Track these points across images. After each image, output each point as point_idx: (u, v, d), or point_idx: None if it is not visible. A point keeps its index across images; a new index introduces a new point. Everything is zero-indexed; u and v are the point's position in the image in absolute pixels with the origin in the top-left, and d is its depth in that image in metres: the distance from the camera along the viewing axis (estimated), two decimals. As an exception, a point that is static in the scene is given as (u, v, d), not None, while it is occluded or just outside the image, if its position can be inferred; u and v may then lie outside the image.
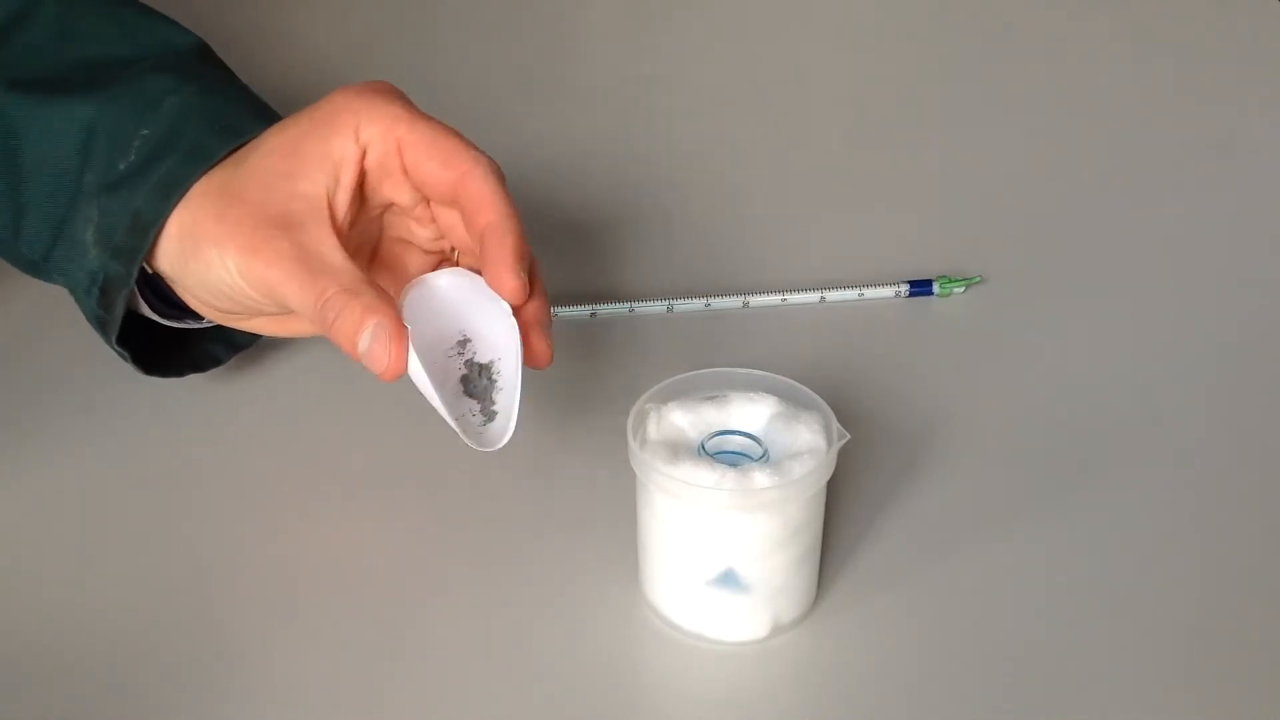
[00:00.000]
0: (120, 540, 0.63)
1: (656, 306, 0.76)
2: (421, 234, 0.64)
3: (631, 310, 0.76)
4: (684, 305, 0.77)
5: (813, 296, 0.77)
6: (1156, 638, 0.58)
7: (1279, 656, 0.58)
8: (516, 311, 0.59)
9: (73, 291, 0.63)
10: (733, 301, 0.77)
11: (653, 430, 0.57)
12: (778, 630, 0.58)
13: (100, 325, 0.63)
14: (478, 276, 0.61)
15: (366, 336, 0.56)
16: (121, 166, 0.61)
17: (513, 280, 0.58)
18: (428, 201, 0.62)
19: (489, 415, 0.59)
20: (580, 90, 1.00)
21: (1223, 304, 0.78)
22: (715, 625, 0.58)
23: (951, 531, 0.63)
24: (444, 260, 0.65)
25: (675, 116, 0.96)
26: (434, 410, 0.58)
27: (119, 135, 0.61)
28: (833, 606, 0.59)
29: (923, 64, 1.04)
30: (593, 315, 0.76)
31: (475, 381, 0.60)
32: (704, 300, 0.77)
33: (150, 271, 0.63)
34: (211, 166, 0.60)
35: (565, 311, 0.75)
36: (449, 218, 0.62)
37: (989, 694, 0.56)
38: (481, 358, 0.60)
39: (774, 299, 0.77)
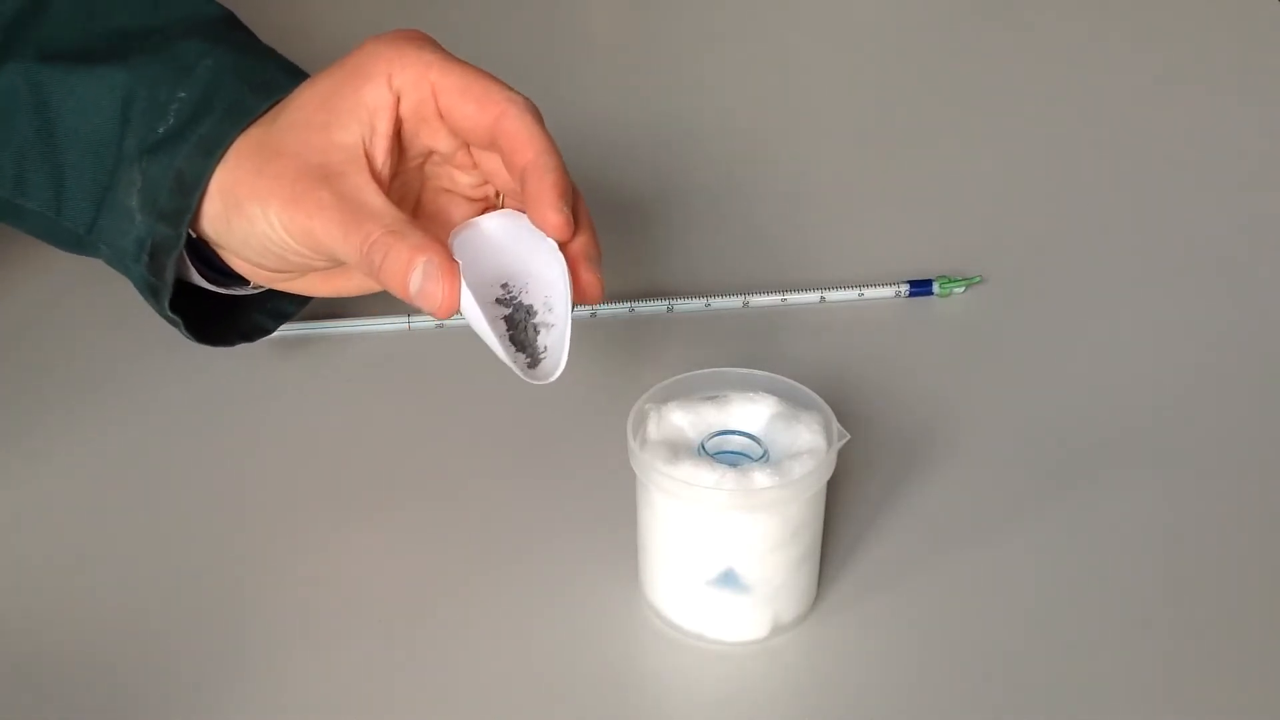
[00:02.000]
0: (120, 541, 0.63)
1: (656, 306, 0.76)
2: (464, 181, 0.64)
3: (631, 310, 0.76)
4: (684, 305, 0.77)
5: (813, 296, 0.77)
6: (1157, 638, 0.58)
7: (1279, 656, 0.58)
8: (563, 247, 0.58)
9: (120, 262, 0.63)
10: (733, 301, 0.77)
11: (653, 430, 0.57)
12: (778, 630, 0.58)
13: (152, 292, 0.63)
14: (525, 216, 0.60)
15: (418, 275, 0.56)
16: (160, 130, 0.61)
17: (556, 216, 0.58)
18: (468, 147, 0.62)
19: (538, 353, 0.58)
20: (579, 91, 1.00)
21: (1223, 304, 0.78)
22: (715, 625, 0.58)
23: (951, 531, 0.63)
24: (489, 206, 0.64)
25: (675, 117, 0.96)
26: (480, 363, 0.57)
27: (156, 100, 0.61)
28: (833, 606, 0.59)
29: (923, 64, 1.04)
30: (593, 315, 0.76)
31: (523, 321, 0.59)
32: (704, 300, 0.77)
33: (195, 237, 0.63)
34: (250, 124, 0.60)
35: (565, 311, 0.75)
36: (491, 162, 0.62)
37: (989, 694, 0.56)
38: (528, 298, 0.59)
39: (774, 299, 0.77)
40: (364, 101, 0.60)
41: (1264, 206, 0.86)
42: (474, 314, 0.57)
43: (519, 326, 0.58)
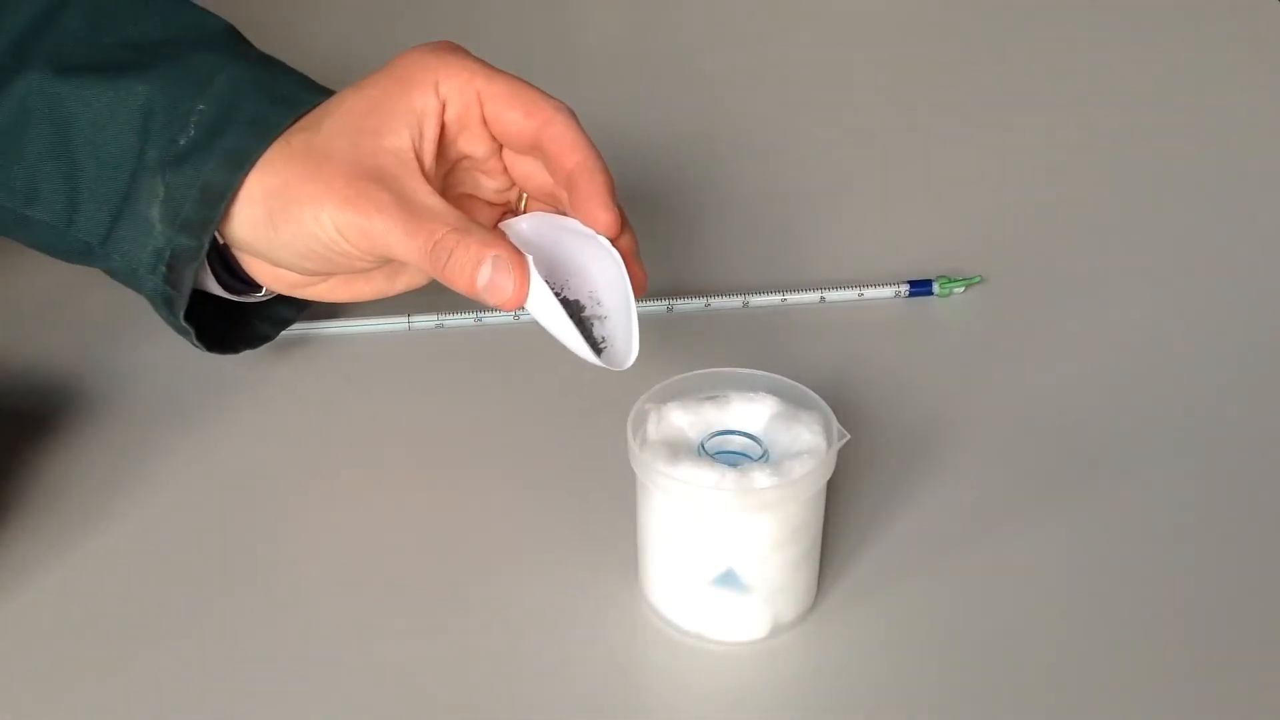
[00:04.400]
0: (119, 541, 0.63)
1: (657, 306, 0.76)
2: (490, 185, 0.66)
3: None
4: (684, 305, 0.77)
5: (813, 296, 0.77)
6: (1158, 638, 0.58)
7: (1279, 656, 0.58)
8: (613, 243, 0.61)
9: (131, 273, 0.63)
10: (733, 301, 0.77)
11: (653, 430, 0.57)
12: (778, 630, 0.58)
13: (167, 302, 0.63)
14: (556, 216, 0.63)
15: (486, 269, 0.58)
16: (182, 142, 0.62)
17: (607, 214, 0.61)
18: (500, 153, 0.64)
19: (597, 344, 0.61)
20: (579, 92, 1.00)
21: (1223, 304, 0.78)
22: (715, 625, 0.58)
23: (951, 531, 0.63)
24: (509, 211, 0.67)
25: (674, 117, 0.96)
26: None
27: (175, 112, 0.62)
28: (833, 606, 0.59)
29: (923, 64, 1.04)
30: (593, 315, 0.76)
31: (574, 316, 0.60)
32: (704, 300, 0.77)
33: (221, 243, 0.64)
34: (275, 137, 0.61)
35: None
36: (525, 167, 0.65)
37: (989, 694, 0.56)
38: (572, 293, 0.62)
39: (774, 299, 0.77)
40: (413, 108, 0.61)
41: (1264, 206, 0.86)
42: (547, 303, 0.59)
43: (574, 320, 0.60)
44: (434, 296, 0.74)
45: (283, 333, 0.73)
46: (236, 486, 0.66)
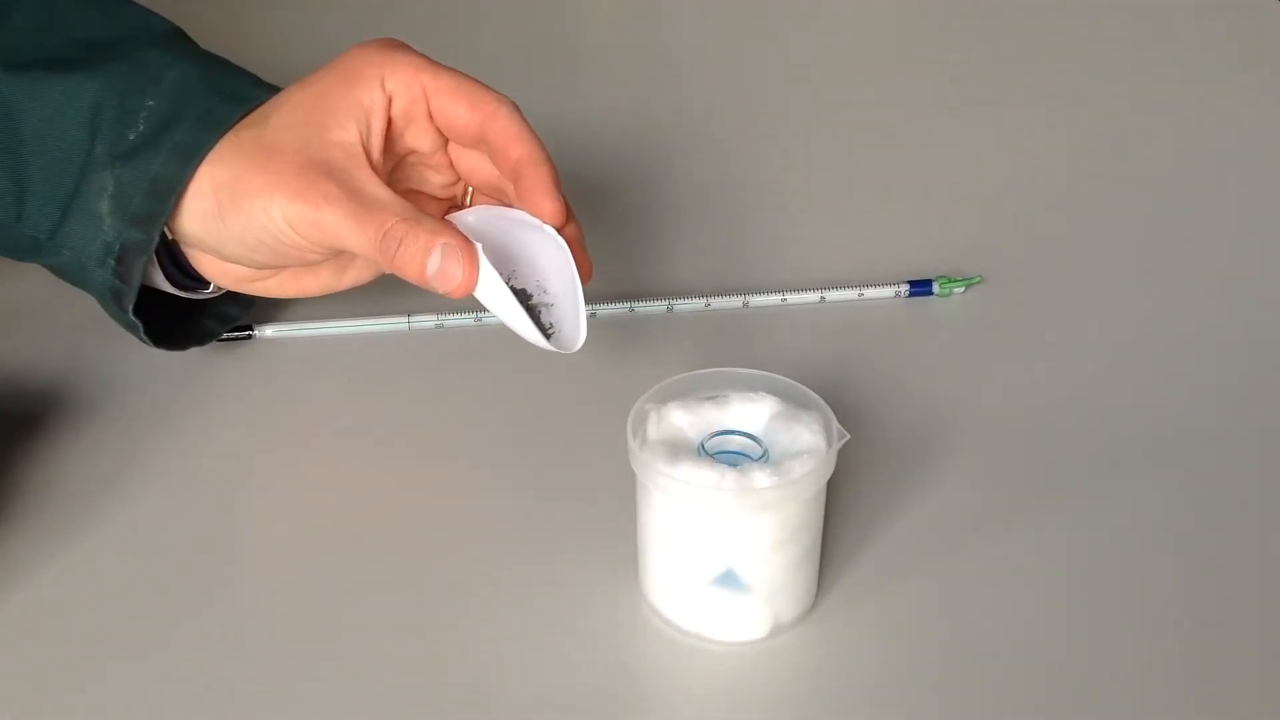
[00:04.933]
0: (117, 541, 0.63)
1: (656, 306, 0.76)
2: (436, 180, 0.67)
3: (631, 310, 0.76)
4: (684, 305, 0.77)
5: (813, 296, 0.77)
6: (1158, 638, 0.58)
7: (1279, 656, 0.58)
8: (559, 232, 0.62)
9: (80, 268, 0.64)
10: (733, 301, 0.77)
11: (653, 430, 0.57)
12: (778, 630, 0.58)
13: (115, 296, 0.64)
14: (501, 208, 0.65)
15: (436, 257, 0.59)
16: (131, 137, 0.62)
17: (553, 204, 0.62)
18: (445, 148, 0.65)
19: (546, 330, 0.62)
20: (579, 91, 1.00)
21: (1223, 303, 0.78)
22: (715, 625, 0.58)
23: (951, 531, 0.63)
24: (455, 206, 0.68)
25: (674, 116, 0.96)
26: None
27: (125, 107, 0.63)
28: (833, 606, 0.59)
29: (923, 64, 1.04)
30: (593, 315, 0.76)
31: (523, 304, 0.62)
32: (704, 300, 0.77)
33: (170, 239, 0.64)
34: (225, 132, 0.62)
35: (565, 311, 0.75)
36: (470, 160, 0.66)
37: (989, 694, 0.56)
38: (519, 282, 0.63)
39: (774, 299, 0.77)
40: (360, 102, 0.62)
41: (1264, 206, 0.86)
42: (496, 289, 0.60)
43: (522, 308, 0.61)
44: (434, 297, 0.74)
45: (283, 333, 0.73)
46: (232, 488, 0.66)
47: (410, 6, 1.08)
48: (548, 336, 0.61)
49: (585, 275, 0.63)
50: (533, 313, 0.62)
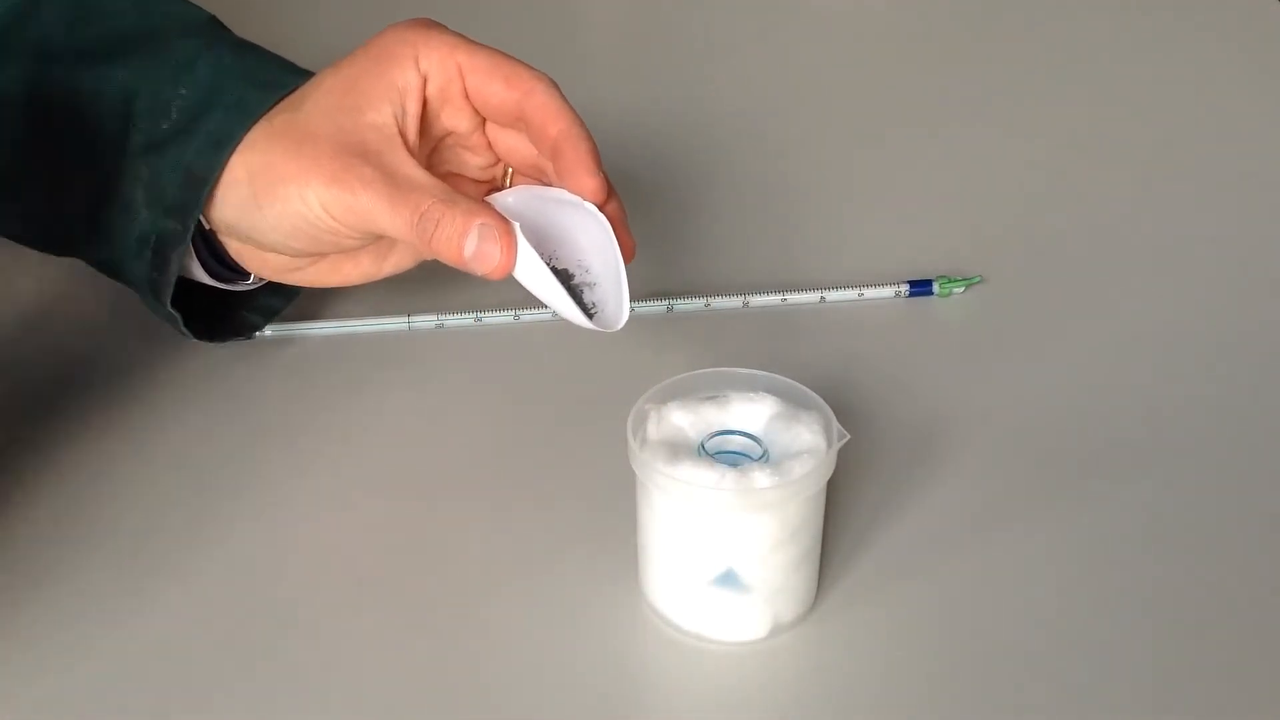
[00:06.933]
0: (116, 542, 0.63)
1: (657, 306, 0.76)
2: (474, 162, 0.66)
3: (632, 310, 0.76)
4: (684, 305, 0.77)
5: (813, 296, 0.77)
6: (1158, 638, 0.58)
7: (1279, 656, 0.58)
8: (600, 210, 0.61)
9: (116, 261, 0.63)
10: (733, 301, 0.77)
11: (653, 430, 0.57)
12: (778, 630, 0.58)
13: (153, 289, 0.63)
14: (541, 187, 0.64)
15: (473, 238, 0.58)
16: (164, 127, 0.62)
17: (593, 180, 0.61)
18: (483, 128, 0.64)
19: (589, 310, 0.61)
20: (579, 91, 1.00)
21: (1223, 304, 0.78)
22: (715, 625, 0.58)
23: (952, 531, 0.63)
24: (494, 188, 0.67)
25: (673, 117, 0.96)
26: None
27: (158, 97, 0.62)
28: (833, 606, 0.59)
29: (923, 64, 1.04)
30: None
31: (564, 284, 0.61)
32: (704, 300, 0.77)
33: (208, 229, 0.63)
34: (257, 119, 0.61)
35: (565, 311, 0.75)
36: (508, 140, 0.65)
37: (989, 694, 0.56)
38: (560, 263, 0.62)
39: (774, 299, 0.77)
40: (394, 83, 0.61)
41: (1264, 206, 0.86)
42: (536, 269, 0.59)
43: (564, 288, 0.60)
44: (434, 297, 0.74)
45: (283, 333, 0.73)
46: (232, 488, 0.66)
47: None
48: (590, 316, 0.60)
49: (628, 254, 0.61)
50: (574, 293, 0.61)
